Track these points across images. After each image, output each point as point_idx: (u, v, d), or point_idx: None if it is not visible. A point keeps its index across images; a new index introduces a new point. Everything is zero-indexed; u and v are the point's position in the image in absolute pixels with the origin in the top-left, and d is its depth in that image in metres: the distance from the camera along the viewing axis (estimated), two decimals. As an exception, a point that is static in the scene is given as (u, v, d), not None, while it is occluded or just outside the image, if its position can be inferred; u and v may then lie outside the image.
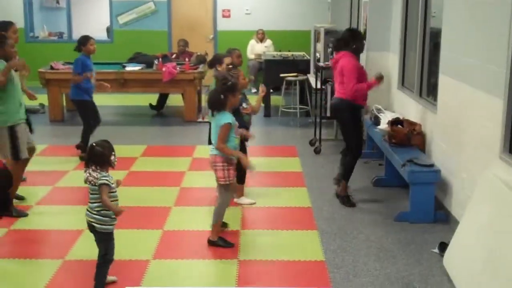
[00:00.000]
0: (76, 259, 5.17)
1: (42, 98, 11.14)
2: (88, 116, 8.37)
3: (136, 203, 6.57)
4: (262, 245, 5.53)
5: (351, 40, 6.66)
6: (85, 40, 8.39)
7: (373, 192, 6.96)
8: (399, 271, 4.96)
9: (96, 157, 4.41)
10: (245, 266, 5.07)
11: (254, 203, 6.53)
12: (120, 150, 8.62)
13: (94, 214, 4.43)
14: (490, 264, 4.20)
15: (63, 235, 5.73)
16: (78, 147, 8.29)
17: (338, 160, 7.07)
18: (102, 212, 4.41)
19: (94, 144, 4.49)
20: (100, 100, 9.07)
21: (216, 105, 5.35)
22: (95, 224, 4.44)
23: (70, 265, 5.07)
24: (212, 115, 5.42)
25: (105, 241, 4.51)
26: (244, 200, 6.58)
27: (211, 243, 5.44)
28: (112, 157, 4.46)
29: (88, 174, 4.40)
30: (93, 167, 4.39)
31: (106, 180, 4.36)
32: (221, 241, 5.44)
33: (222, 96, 5.30)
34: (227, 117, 5.28)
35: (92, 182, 4.37)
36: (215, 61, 6.92)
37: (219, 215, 5.47)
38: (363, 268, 5.01)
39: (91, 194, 4.42)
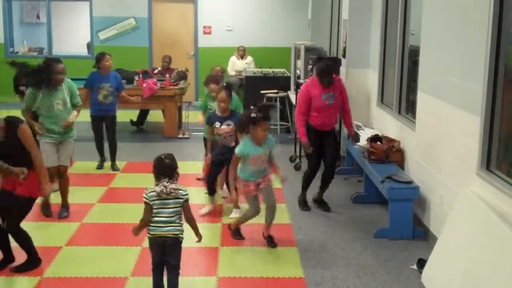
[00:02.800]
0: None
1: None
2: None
3: (115, 220, 6.53)
4: (242, 262, 5.53)
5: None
6: (101, 56, 8.81)
7: (352, 209, 6.98)
8: (378, 287, 4.96)
9: (167, 169, 4.50)
10: (224, 283, 5.05)
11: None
12: (100, 168, 8.64)
13: (179, 226, 4.49)
14: (468, 280, 4.23)
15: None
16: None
17: (319, 177, 7.08)
18: (182, 222, 4.53)
19: (162, 156, 4.59)
20: (81, 116, 9.03)
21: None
22: (180, 235, 4.50)
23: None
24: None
25: (180, 250, 4.57)
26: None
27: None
28: (177, 169, 4.57)
29: (163, 187, 4.44)
30: (166, 179, 4.47)
31: (188, 196, 4.51)
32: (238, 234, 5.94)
33: None
34: None
35: (173, 193, 4.44)
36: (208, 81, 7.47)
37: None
38: (343, 285, 5.01)
39: (171, 207, 4.46)
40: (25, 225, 6.24)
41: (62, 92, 6.66)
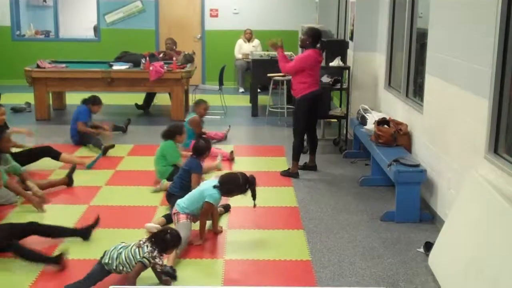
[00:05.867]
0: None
1: (29, 97, 11.11)
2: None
3: (122, 203, 6.55)
4: (248, 245, 5.54)
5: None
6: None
7: (359, 192, 6.98)
8: (384, 270, 4.97)
9: (161, 241, 4.60)
10: (231, 266, 5.06)
11: None
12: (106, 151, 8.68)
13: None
14: (474, 263, 4.23)
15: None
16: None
17: (326, 160, 7.12)
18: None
19: (169, 231, 4.70)
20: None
21: None
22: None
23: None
24: None
25: None
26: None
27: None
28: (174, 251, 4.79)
29: (142, 242, 4.57)
30: (152, 245, 4.56)
31: (146, 260, 4.51)
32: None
33: None
34: None
35: (139, 251, 4.52)
36: (176, 132, 7.37)
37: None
38: (349, 267, 5.02)
39: (127, 258, 4.52)
40: (30, 207, 6.30)
41: None
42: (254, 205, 5.64)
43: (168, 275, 4.76)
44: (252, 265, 5.10)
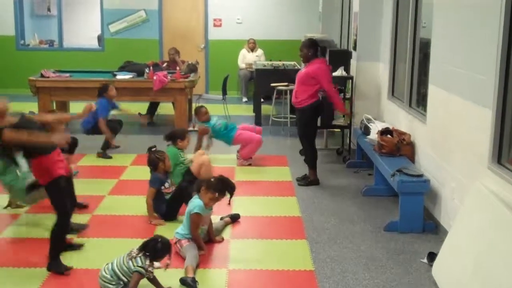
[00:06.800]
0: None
1: (33, 106, 11.12)
2: None
3: (126, 212, 6.55)
4: (252, 254, 5.53)
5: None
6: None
7: (362, 202, 6.97)
8: (388, 280, 4.96)
9: (153, 250, 4.58)
10: (235, 275, 5.06)
11: None
12: (110, 159, 8.68)
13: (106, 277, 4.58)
14: (478, 274, 4.22)
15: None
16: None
17: (329, 170, 7.10)
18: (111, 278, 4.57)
19: (159, 239, 4.65)
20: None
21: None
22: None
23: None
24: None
25: None
26: None
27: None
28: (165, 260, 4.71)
29: (135, 253, 4.57)
30: (145, 256, 4.56)
31: (142, 269, 4.51)
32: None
33: None
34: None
35: (132, 261, 4.54)
36: (177, 136, 7.17)
37: None
38: (353, 277, 5.01)
39: (121, 269, 4.55)
40: (35, 216, 6.30)
41: None
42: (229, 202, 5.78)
43: (189, 286, 4.77)
44: (255, 275, 5.10)
